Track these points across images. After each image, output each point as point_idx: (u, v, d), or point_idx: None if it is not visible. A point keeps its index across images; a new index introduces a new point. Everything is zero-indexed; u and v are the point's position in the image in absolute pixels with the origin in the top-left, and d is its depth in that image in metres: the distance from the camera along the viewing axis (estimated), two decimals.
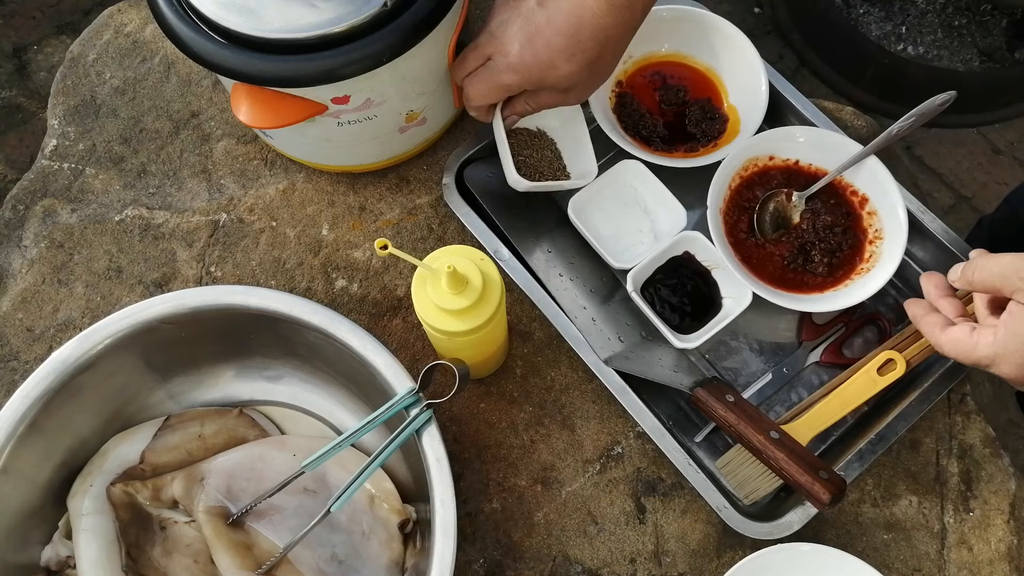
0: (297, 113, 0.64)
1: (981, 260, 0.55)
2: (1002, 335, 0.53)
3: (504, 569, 0.67)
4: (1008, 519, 0.68)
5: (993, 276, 0.54)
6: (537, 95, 0.67)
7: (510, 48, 0.63)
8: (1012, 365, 0.53)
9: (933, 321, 0.59)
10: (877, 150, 0.70)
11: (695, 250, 0.73)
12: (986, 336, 0.54)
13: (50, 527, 0.64)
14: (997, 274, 0.54)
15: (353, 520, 0.64)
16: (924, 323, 0.60)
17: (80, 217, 0.79)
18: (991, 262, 0.54)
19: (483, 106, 0.69)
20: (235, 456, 0.65)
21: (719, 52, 0.78)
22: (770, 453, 0.62)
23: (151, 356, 0.66)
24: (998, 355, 0.53)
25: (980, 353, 0.54)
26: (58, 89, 0.84)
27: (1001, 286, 0.53)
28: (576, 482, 0.69)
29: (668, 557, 0.67)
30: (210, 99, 0.83)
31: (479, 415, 0.71)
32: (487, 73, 0.66)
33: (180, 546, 0.63)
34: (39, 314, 0.75)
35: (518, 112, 0.70)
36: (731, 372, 0.73)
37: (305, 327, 0.62)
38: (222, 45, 0.61)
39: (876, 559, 0.67)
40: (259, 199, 0.79)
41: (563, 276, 0.72)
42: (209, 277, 0.76)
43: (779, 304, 0.69)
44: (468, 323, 0.56)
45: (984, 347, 0.54)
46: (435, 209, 0.78)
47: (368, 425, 0.57)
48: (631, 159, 0.74)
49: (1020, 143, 1.63)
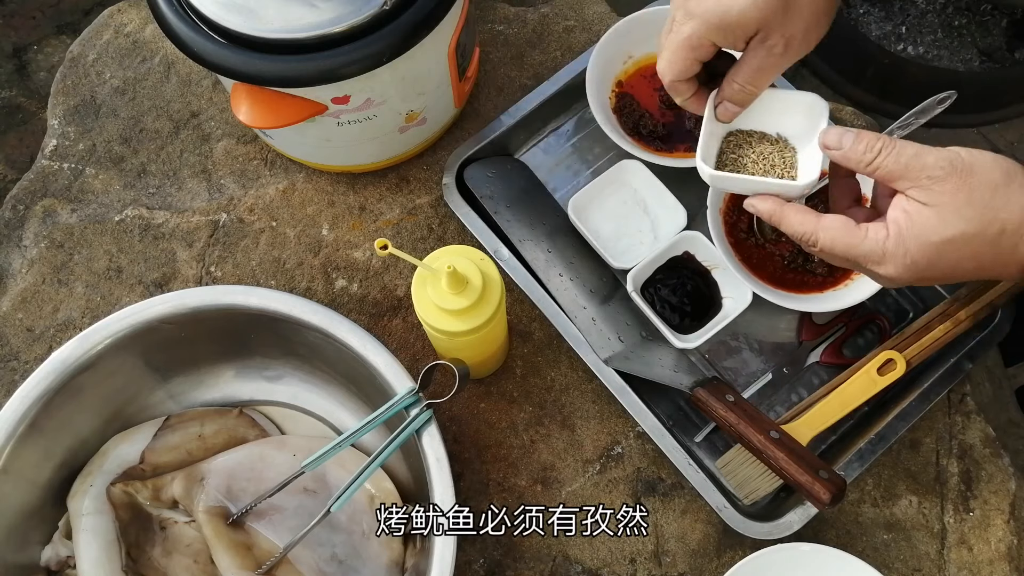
0: (297, 113, 0.64)
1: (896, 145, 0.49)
2: (895, 232, 0.49)
3: (504, 569, 0.67)
4: (1008, 519, 0.68)
5: (897, 166, 0.49)
6: (740, 66, 0.56)
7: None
8: (900, 266, 0.49)
9: (803, 209, 0.53)
10: None
11: (695, 250, 0.73)
12: (877, 230, 0.50)
13: (50, 527, 0.64)
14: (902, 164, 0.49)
15: (353, 520, 0.64)
16: (790, 213, 0.53)
17: (80, 217, 0.79)
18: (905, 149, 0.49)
19: (677, 82, 0.57)
20: (235, 456, 0.65)
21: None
22: (770, 453, 0.62)
23: (151, 356, 0.66)
24: (888, 253, 0.49)
25: (867, 247, 0.50)
26: (58, 89, 0.84)
27: (901, 176, 0.49)
28: (576, 482, 0.69)
29: (668, 557, 0.67)
30: (210, 99, 0.83)
31: (479, 415, 0.71)
32: (666, 33, 0.56)
33: (180, 546, 0.63)
34: (39, 314, 0.75)
35: (731, 97, 0.57)
36: (731, 372, 0.73)
37: (305, 327, 0.62)
38: (222, 45, 0.61)
39: (876, 559, 0.66)
40: (259, 199, 0.79)
41: (563, 276, 0.72)
42: (209, 277, 0.76)
43: (779, 304, 0.69)
44: (468, 323, 0.56)
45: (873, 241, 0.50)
46: (435, 209, 0.78)
47: (368, 425, 0.57)
48: (631, 159, 0.74)
49: (1020, 143, 1.63)
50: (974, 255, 0.49)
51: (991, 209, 0.48)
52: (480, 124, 0.80)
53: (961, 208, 0.48)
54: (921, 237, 0.49)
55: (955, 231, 0.48)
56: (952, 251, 0.49)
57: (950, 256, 0.49)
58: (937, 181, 0.48)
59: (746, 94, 0.57)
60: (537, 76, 0.83)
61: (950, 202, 0.48)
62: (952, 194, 0.48)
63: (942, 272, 0.50)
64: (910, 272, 0.50)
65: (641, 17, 0.77)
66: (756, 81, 0.56)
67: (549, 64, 0.84)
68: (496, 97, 0.82)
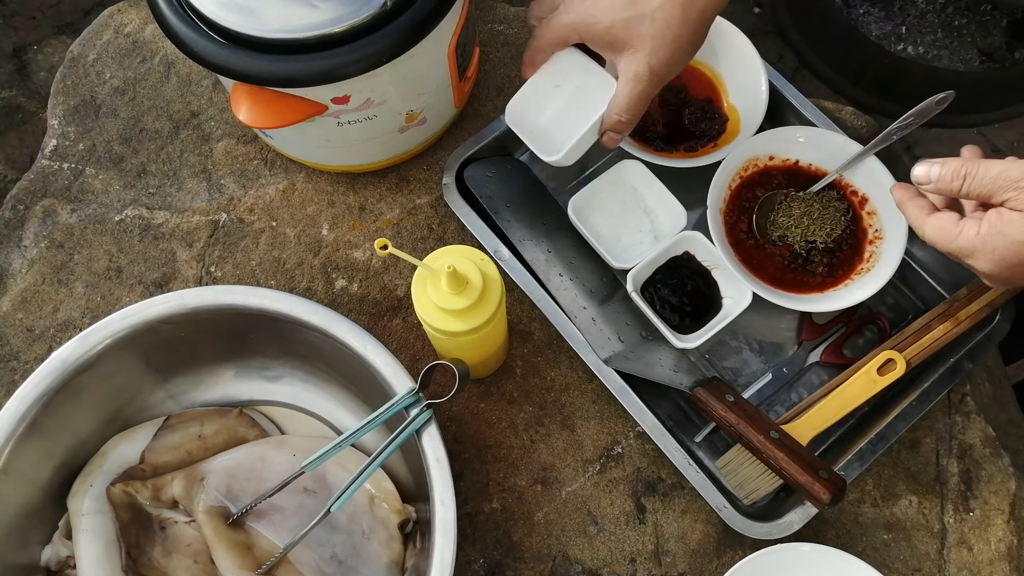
0: (297, 113, 0.64)
1: (980, 167, 0.54)
2: (985, 230, 0.54)
3: (504, 569, 0.67)
4: (1008, 519, 0.68)
5: (987, 183, 0.54)
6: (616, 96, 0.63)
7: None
8: (990, 261, 0.54)
9: (920, 204, 0.59)
10: (876, 150, 0.70)
11: (695, 250, 0.73)
12: (971, 227, 0.54)
13: (50, 527, 0.64)
14: (991, 179, 0.53)
15: (353, 520, 0.64)
16: (910, 206, 0.59)
17: (80, 217, 0.79)
18: (990, 169, 0.54)
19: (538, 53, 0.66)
20: (235, 456, 0.65)
21: (719, 52, 0.78)
22: (770, 453, 0.62)
23: (151, 356, 0.66)
24: (977, 248, 0.54)
25: (961, 242, 0.55)
26: (58, 89, 0.84)
27: (992, 193, 0.53)
28: (576, 482, 0.69)
29: (668, 557, 0.67)
30: (210, 99, 0.83)
31: (479, 415, 0.71)
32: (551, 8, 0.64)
33: (180, 546, 0.63)
34: (39, 314, 0.75)
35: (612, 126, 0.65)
36: (731, 372, 0.73)
37: (305, 327, 0.62)
38: (222, 45, 0.61)
39: (876, 559, 0.67)
40: (259, 199, 0.79)
41: (563, 276, 0.72)
42: (209, 277, 0.76)
43: (779, 304, 0.69)
44: (468, 323, 0.56)
45: (966, 237, 0.54)
46: (435, 209, 0.78)
47: (368, 425, 0.57)
48: (631, 159, 0.74)
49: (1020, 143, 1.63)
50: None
51: None
52: (480, 124, 0.80)
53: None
54: (1007, 235, 0.52)
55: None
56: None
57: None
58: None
59: (624, 123, 0.64)
60: None
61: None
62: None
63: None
64: (999, 267, 0.53)
65: None
66: (631, 110, 0.63)
67: None
68: (496, 97, 0.82)
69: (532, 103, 0.70)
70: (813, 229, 0.72)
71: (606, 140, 0.67)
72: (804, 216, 0.72)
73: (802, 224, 0.72)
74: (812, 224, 0.72)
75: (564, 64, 0.68)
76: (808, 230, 0.72)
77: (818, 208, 0.72)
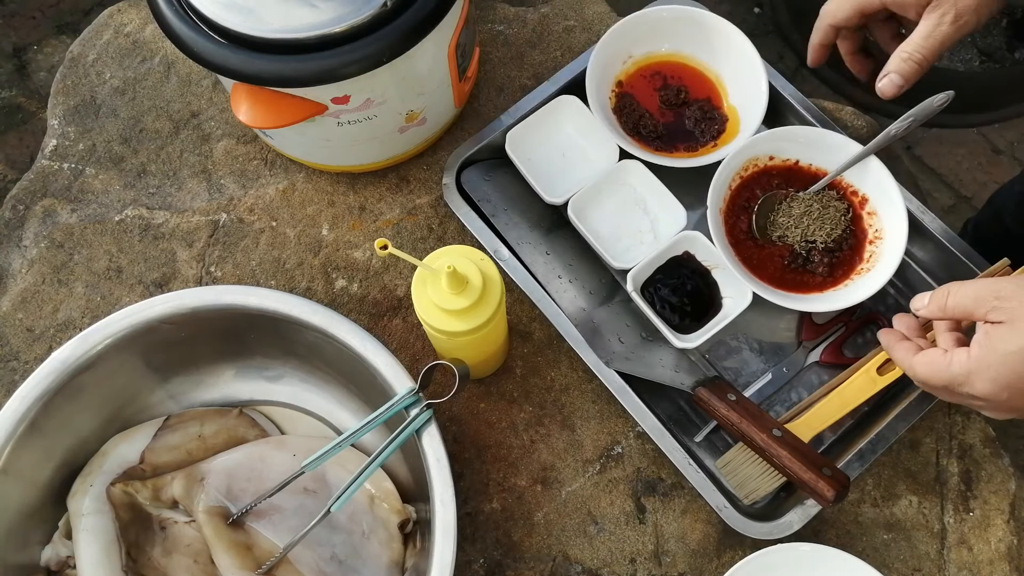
0: (297, 113, 0.64)
1: (954, 286, 0.55)
2: (976, 352, 0.53)
3: (504, 569, 0.67)
4: (1008, 519, 0.68)
5: (967, 299, 0.54)
6: (910, 37, 0.59)
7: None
8: (986, 380, 0.52)
9: (906, 346, 0.59)
10: (877, 150, 0.70)
11: (695, 250, 0.72)
12: (960, 354, 0.54)
13: (50, 527, 0.64)
14: (971, 297, 0.53)
15: (353, 520, 0.64)
16: (897, 348, 0.60)
17: (80, 217, 0.79)
18: (965, 287, 0.54)
19: (832, 26, 0.61)
20: (235, 456, 0.65)
21: (719, 52, 0.78)
22: (773, 451, 0.62)
23: (151, 356, 0.66)
24: (972, 371, 0.53)
25: (955, 371, 0.54)
26: (58, 89, 0.84)
27: (975, 308, 0.53)
28: (576, 482, 0.69)
29: (668, 557, 0.67)
30: (210, 99, 0.83)
31: (479, 415, 0.71)
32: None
33: (180, 546, 0.63)
34: (39, 314, 0.75)
35: (896, 68, 0.60)
36: (731, 372, 0.73)
37: (305, 327, 0.62)
38: (222, 45, 0.61)
39: (876, 559, 0.67)
40: (259, 199, 0.79)
41: (562, 278, 0.72)
42: (209, 277, 0.76)
43: (779, 304, 0.69)
44: (468, 323, 0.56)
45: (958, 364, 0.53)
46: (435, 209, 0.78)
47: (368, 425, 0.57)
48: (631, 159, 0.74)
49: (1020, 143, 1.63)
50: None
51: None
52: (480, 124, 0.80)
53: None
54: (999, 350, 0.51)
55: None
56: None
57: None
58: (1006, 299, 0.51)
59: (912, 63, 0.59)
60: (537, 76, 0.83)
61: (1022, 313, 0.51)
62: (1021, 305, 0.51)
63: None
64: (998, 386, 0.52)
65: (641, 17, 0.77)
66: (924, 51, 0.58)
67: (549, 64, 0.84)
68: (496, 97, 0.82)
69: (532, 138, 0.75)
70: (813, 229, 0.72)
71: (884, 84, 0.62)
72: (804, 216, 0.72)
73: (802, 224, 0.72)
74: (812, 224, 0.72)
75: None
76: (808, 230, 0.72)
77: (818, 208, 0.72)
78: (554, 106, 0.76)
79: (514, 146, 0.75)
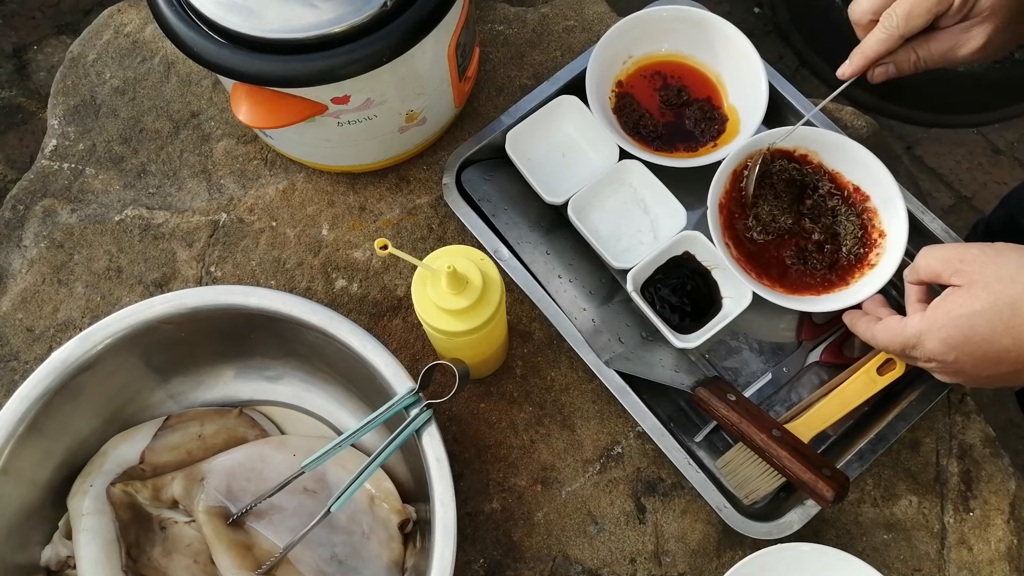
0: (297, 113, 0.64)
1: (927, 249, 0.57)
2: (930, 312, 0.55)
3: (504, 569, 0.67)
4: (1008, 519, 0.68)
5: (936, 260, 0.56)
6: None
7: None
8: (936, 340, 0.54)
9: (867, 319, 0.62)
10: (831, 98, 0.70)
11: (695, 250, 0.72)
12: (915, 317, 0.56)
13: (50, 527, 0.64)
14: (939, 259, 0.55)
15: (353, 520, 0.64)
16: (860, 322, 0.63)
17: (80, 217, 0.79)
18: (936, 250, 0.56)
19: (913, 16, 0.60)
20: (235, 456, 0.65)
21: (719, 52, 0.78)
22: (773, 451, 0.62)
23: (151, 356, 0.66)
24: (923, 332, 0.55)
25: (908, 332, 0.56)
26: (58, 89, 0.84)
27: (942, 270, 0.55)
28: (576, 482, 0.69)
29: (668, 557, 0.67)
30: (210, 99, 0.83)
31: (479, 415, 0.71)
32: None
33: (180, 546, 0.63)
34: (39, 314, 0.75)
35: (900, 62, 0.62)
36: (731, 372, 0.73)
37: (305, 327, 0.62)
38: (222, 45, 0.61)
39: (876, 559, 0.67)
40: (259, 199, 0.79)
41: (562, 278, 0.72)
42: (209, 277, 0.76)
43: (779, 304, 0.69)
44: (468, 323, 0.56)
45: (912, 326, 0.56)
46: (435, 209, 0.78)
47: (368, 425, 0.57)
48: (631, 159, 0.74)
49: (1020, 143, 1.63)
50: (1008, 329, 0.51)
51: (1019, 283, 0.51)
52: (480, 124, 0.80)
53: (990, 282, 0.52)
54: (952, 312, 0.53)
55: (982, 303, 0.52)
56: (984, 324, 0.52)
57: (982, 330, 0.52)
58: (967, 263, 0.53)
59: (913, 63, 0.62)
60: (537, 76, 0.83)
61: (979, 279, 0.52)
62: (980, 271, 0.52)
63: (982, 351, 0.53)
64: (947, 347, 0.54)
65: (641, 17, 0.77)
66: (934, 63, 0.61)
67: (549, 64, 0.84)
68: (496, 97, 0.82)
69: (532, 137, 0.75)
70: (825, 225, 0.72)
71: (878, 74, 0.64)
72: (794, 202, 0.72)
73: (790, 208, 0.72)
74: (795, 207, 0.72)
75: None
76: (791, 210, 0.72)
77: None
78: (554, 106, 0.76)
79: (514, 146, 0.75)
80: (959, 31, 0.60)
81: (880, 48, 0.62)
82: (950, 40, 0.60)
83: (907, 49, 0.62)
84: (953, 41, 0.60)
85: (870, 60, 0.63)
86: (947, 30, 0.60)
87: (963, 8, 0.58)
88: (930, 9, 0.59)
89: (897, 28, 0.60)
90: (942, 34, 0.61)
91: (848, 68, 0.64)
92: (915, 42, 0.61)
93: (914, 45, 0.61)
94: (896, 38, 0.61)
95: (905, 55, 0.62)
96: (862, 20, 0.63)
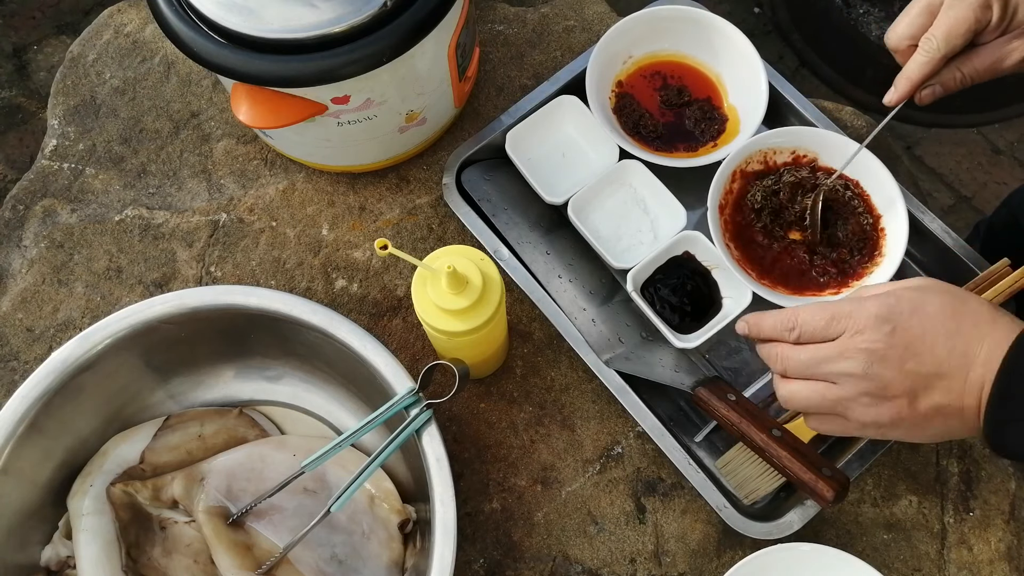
0: (297, 113, 0.64)
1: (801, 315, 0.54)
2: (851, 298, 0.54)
3: (504, 569, 0.67)
4: (1008, 519, 0.68)
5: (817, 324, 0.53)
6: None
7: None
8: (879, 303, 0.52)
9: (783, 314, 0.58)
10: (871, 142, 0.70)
11: (695, 250, 0.73)
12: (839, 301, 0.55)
13: (50, 527, 0.64)
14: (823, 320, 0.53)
15: (353, 520, 0.64)
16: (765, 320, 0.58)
17: (80, 217, 0.79)
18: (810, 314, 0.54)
19: (952, 36, 0.59)
20: (235, 456, 0.65)
21: (719, 52, 0.78)
22: (773, 451, 0.62)
23: (151, 356, 0.66)
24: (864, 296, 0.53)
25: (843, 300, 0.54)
26: (58, 89, 0.84)
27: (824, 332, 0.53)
28: (576, 482, 0.69)
29: (668, 557, 0.67)
30: (210, 99, 0.83)
31: (479, 415, 0.71)
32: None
33: (180, 546, 0.63)
34: (39, 314, 0.75)
35: (946, 81, 0.61)
36: (731, 372, 0.73)
37: (305, 327, 0.62)
38: (222, 45, 0.61)
39: (876, 559, 0.66)
40: (259, 199, 0.79)
41: (562, 278, 0.72)
42: (209, 277, 0.76)
43: (779, 304, 0.68)
44: (468, 323, 0.56)
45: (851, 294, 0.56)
46: (435, 209, 0.78)
47: (368, 425, 0.57)
48: (631, 159, 0.74)
49: (1020, 143, 1.63)
50: (950, 331, 0.50)
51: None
52: (480, 124, 0.80)
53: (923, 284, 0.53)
54: (902, 284, 0.53)
55: (937, 293, 0.52)
56: (935, 304, 0.51)
57: (931, 308, 0.51)
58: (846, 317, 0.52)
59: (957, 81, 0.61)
60: (537, 76, 0.83)
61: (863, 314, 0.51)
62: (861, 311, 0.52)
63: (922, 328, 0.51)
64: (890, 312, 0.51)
65: (641, 17, 0.77)
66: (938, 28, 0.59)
67: (549, 64, 0.84)
68: (496, 97, 0.82)
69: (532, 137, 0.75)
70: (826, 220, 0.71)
71: (926, 96, 0.63)
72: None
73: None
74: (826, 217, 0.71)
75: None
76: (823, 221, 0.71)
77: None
78: (554, 106, 0.76)
79: (514, 146, 0.75)
80: (1001, 44, 0.59)
81: (924, 72, 0.61)
82: (993, 54, 0.60)
83: (951, 68, 0.61)
84: (996, 55, 0.60)
85: (915, 84, 0.62)
86: (989, 45, 0.60)
87: (1002, 22, 0.58)
88: (969, 28, 0.58)
89: (938, 51, 0.59)
90: (984, 49, 0.60)
91: (894, 95, 0.63)
92: (958, 60, 0.60)
93: (958, 64, 0.61)
94: (938, 60, 0.60)
95: (950, 74, 0.61)
96: (900, 46, 0.62)
